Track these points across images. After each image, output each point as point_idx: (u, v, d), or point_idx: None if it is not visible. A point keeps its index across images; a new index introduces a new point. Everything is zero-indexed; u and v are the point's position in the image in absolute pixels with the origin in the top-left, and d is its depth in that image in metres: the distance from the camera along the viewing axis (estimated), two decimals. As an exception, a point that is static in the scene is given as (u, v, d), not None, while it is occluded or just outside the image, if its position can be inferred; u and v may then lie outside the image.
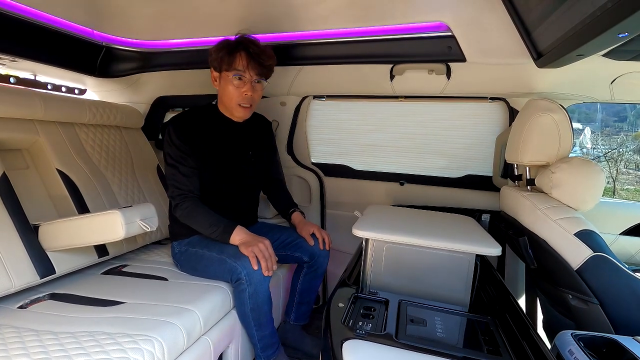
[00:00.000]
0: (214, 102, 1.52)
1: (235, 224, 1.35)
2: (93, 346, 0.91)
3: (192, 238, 1.45)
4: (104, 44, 1.75)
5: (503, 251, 1.73)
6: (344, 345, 0.81)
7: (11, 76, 1.61)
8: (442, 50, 1.41)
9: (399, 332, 0.90)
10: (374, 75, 1.64)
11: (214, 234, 1.33)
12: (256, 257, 1.24)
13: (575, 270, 1.03)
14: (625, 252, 1.63)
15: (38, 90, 1.52)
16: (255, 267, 1.22)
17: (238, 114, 1.46)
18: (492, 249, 1.01)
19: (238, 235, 1.31)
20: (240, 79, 1.38)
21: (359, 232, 1.10)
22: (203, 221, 1.35)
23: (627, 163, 5.68)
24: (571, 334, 0.92)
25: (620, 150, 5.65)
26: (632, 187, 5.46)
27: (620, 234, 1.66)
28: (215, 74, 1.44)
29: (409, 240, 1.07)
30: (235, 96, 1.40)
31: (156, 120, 2.19)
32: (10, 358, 0.86)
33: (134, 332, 0.97)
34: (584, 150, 5.35)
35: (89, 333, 0.97)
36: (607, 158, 5.46)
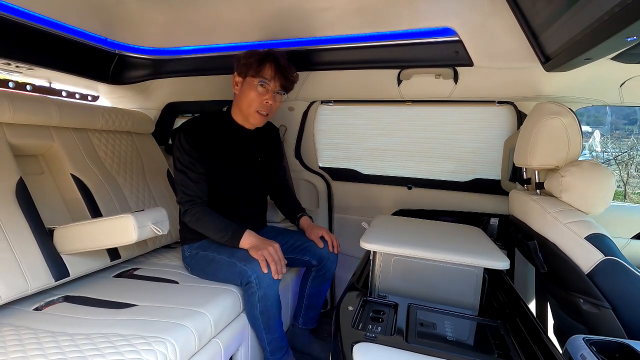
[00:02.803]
0: (224, 109, 1.54)
1: (244, 228, 1.36)
2: (107, 347, 0.92)
3: (202, 242, 1.46)
4: (116, 51, 1.80)
5: (512, 255, 1.72)
6: (354, 348, 0.81)
7: (27, 84, 1.66)
8: (449, 55, 1.42)
9: (409, 335, 0.90)
10: (381, 80, 1.66)
11: (223, 239, 1.35)
12: (266, 260, 1.25)
13: (587, 274, 1.02)
14: (637, 256, 1.61)
15: (53, 97, 1.56)
16: (265, 271, 1.23)
17: (254, 121, 1.47)
18: (500, 263, 1.02)
19: (247, 240, 1.33)
20: (264, 86, 1.41)
21: (367, 245, 1.11)
22: (212, 227, 1.37)
23: (638, 166, 5.58)
24: (583, 338, 0.91)
25: (631, 153, 5.57)
26: (643, 191, 5.37)
27: (632, 238, 1.64)
28: (238, 78, 1.46)
29: (417, 253, 1.08)
30: (255, 102, 1.42)
31: (166, 126, 2.22)
32: (28, 359, 0.89)
33: (147, 334, 0.99)
34: (593, 153, 5.28)
35: (103, 335, 0.99)
36: (617, 161, 5.38)
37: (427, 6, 1.31)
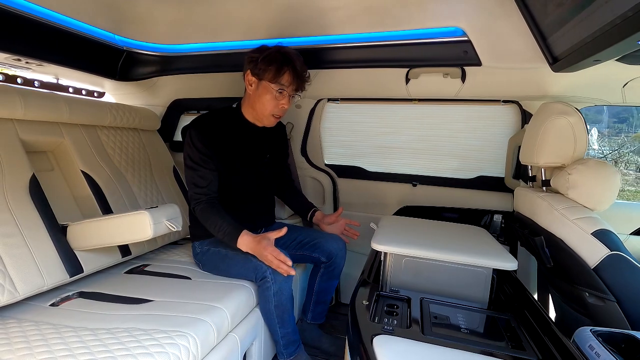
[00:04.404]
0: (234, 105, 1.55)
1: (241, 228, 1.34)
2: (131, 342, 0.94)
3: (213, 238, 1.47)
4: (124, 48, 1.79)
5: (515, 250, 1.77)
6: (374, 340, 0.84)
7: (35, 80, 1.65)
8: (458, 55, 1.44)
9: (424, 328, 0.93)
10: (390, 78, 1.67)
11: (224, 239, 1.35)
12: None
13: (593, 269, 1.06)
14: (635, 252, 1.65)
15: (62, 93, 1.56)
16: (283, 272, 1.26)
17: (268, 122, 1.49)
18: (509, 264, 1.06)
19: (244, 245, 1.31)
20: (281, 93, 1.42)
21: (378, 247, 1.15)
22: (212, 224, 1.36)
23: (627, 164, 5.70)
24: (590, 330, 0.95)
25: (621, 151, 5.68)
26: (632, 188, 5.48)
27: (630, 234, 1.69)
28: (252, 78, 1.43)
29: (428, 254, 1.12)
30: (271, 106, 1.43)
31: (172, 123, 2.22)
32: (53, 352, 0.90)
33: (168, 329, 1.01)
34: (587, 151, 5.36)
35: (124, 329, 1.00)
36: (607, 160, 5.49)
37: (437, 6, 1.33)
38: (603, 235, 1.07)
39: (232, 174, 1.47)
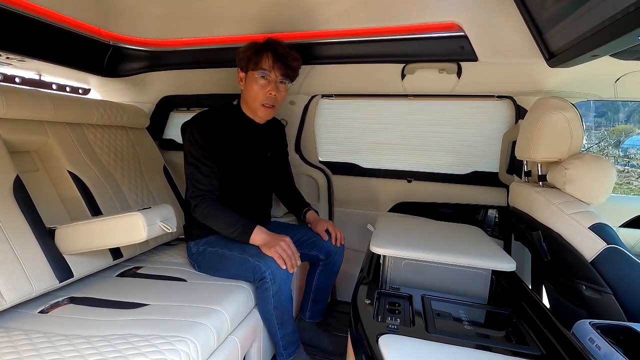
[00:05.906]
0: (235, 102, 1.51)
1: (255, 223, 1.35)
2: (129, 349, 0.90)
3: (209, 238, 1.44)
4: (111, 43, 1.72)
5: (509, 245, 1.79)
6: (379, 340, 0.83)
7: (16, 76, 1.57)
8: (454, 50, 1.43)
9: (428, 326, 0.93)
10: (385, 74, 1.66)
11: (233, 234, 1.33)
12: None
13: (590, 262, 1.08)
14: (625, 244, 1.70)
15: (46, 90, 1.49)
16: (283, 267, 1.23)
17: (261, 114, 1.45)
18: (507, 265, 1.07)
19: (258, 236, 1.32)
20: (265, 78, 1.38)
21: (378, 250, 1.14)
22: (222, 221, 1.34)
23: (607, 157, 5.82)
24: (589, 322, 0.96)
25: (601, 144, 5.82)
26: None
27: (619, 227, 1.73)
28: (242, 74, 1.43)
29: (428, 257, 1.12)
30: (259, 95, 1.40)
31: (161, 120, 2.16)
32: (46, 363, 0.86)
33: (167, 334, 0.97)
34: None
35: (120, 336, 0.97)
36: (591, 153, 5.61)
37: (434, 2, 1.32)
38: (600, 229, 1.09)
39: (233, 171, 1.44)
